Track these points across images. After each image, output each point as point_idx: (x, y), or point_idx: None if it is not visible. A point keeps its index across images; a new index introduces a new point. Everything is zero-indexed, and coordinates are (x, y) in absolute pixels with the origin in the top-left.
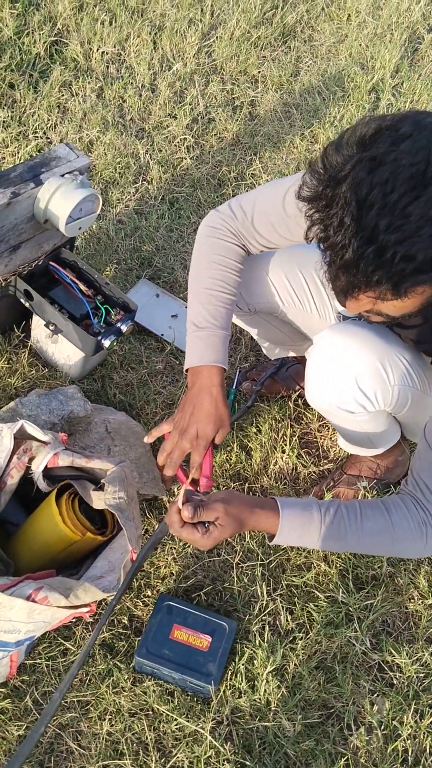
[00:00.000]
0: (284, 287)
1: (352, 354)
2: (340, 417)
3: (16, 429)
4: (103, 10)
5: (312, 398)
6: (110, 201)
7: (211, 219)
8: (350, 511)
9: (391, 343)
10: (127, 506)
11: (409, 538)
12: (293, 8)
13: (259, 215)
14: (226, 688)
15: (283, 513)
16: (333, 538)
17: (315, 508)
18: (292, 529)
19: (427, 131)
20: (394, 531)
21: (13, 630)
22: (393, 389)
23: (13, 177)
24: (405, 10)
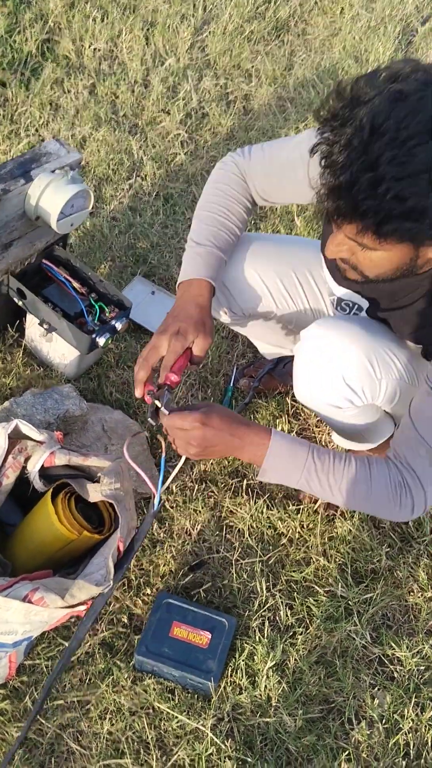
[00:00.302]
0: (277, 289)
1: (337, 349)
2: (328, 412)
3: (10, 429)
4: (95, 6)
5: (300, 394)
6: (104, 198)
7: (225, 157)
8: (337, 455)
9: (378, 336)
10: (123, 498)
11: (384, 495)
12: (286, 2)
13: (264, 160)
14: (226, 685)
15: (274, 437)
16: (315, 475)
17: (306, 443)
18: (280, 455)
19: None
20: (371, 483)
21: (11, 631)
22: (380, 383)
23: (2, 173)
24: (398, 3)
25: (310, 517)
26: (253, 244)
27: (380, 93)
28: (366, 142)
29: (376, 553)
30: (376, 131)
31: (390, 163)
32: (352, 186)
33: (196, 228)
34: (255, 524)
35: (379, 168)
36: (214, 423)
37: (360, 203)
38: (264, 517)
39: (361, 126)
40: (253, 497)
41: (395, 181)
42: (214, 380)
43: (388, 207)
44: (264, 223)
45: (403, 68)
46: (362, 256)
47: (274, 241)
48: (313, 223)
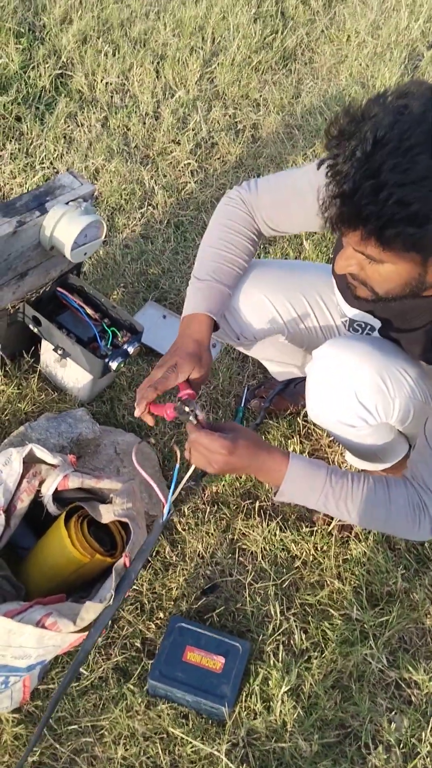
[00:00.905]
0: (288, 313)
1: (350, 367)
2: (342, 431)
3: (25, 453)
4: (107, 41)
5: (313, 414)
6: (116, 227)
7: (230, 191)
8: (355, 477)
9: (390, 355)
10: (135, 517)
11: (403, 517)
12: (293, 32)
13: (272, 190)
14: (240, 710)
15: (292, 461)
16: (332, 498)
17: (324, 466)
18: (298, 478)
19: None
20: (390, 506)
21: (24, 655)
22: (394, 402)
23: (18, 206)
24: (404, 29)
25: (324, 539)
26: (261, 270)
27: (384, 108)
28: (369, 153)
29: (391, 575)
30: (378, 142)
31: (392, 170)
32: (355, 192)
33: (199, 265)
34: (268, 546)
35: (381, 175)
36: (240, 451)
37: (362, 208)
38: (277, 540)
39: (365, 138)
40: (265, 519)
41: (397, 187)
42: (224, 401)
43: (390, 212)
44: (273, 247)
45: (409, 87)
46: (371, 270)
47: (282, 266)
48: (322, 247)
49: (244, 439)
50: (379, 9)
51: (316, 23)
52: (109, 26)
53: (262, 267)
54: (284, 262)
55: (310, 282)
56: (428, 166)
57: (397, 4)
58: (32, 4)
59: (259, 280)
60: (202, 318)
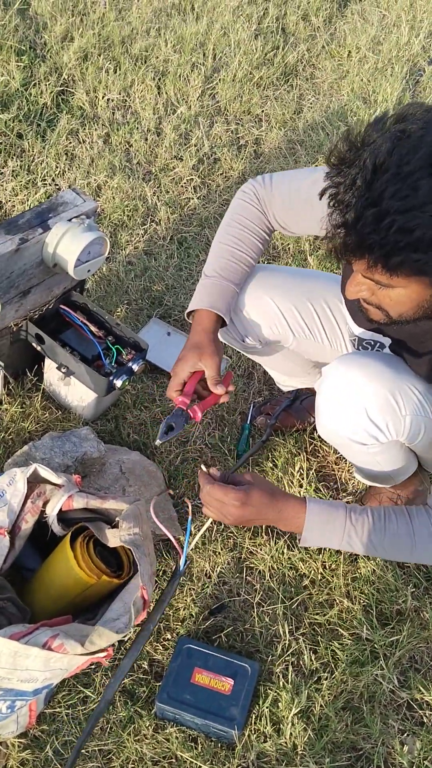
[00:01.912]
0: (294, 319)
1: (361, 385)
2: (352, 449)
3: (29, 473)
4: (108, 58)
5: (323, 431)
6: (119, 243)
7: (245, 185)
8: (375, 512)
9: (401, 372)
10: (142, 542)
11: (429, 547)
12: (294, 48)
13: (284, 193)
14: (250, 733)
15: (309, 505)
16: (356, 537)
17: (342, 506)
18: (318, 523)
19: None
20: (414, 537)
21: (30, 679)
22: (405, 419)
23: (21, 223)
24: (405, 44)
25: (332, 558)
26: (269, 273)
27: (383, 135)
28: (369, 181)
29: (401, 593)
30: (378, 169)
31: (393, 197)
32: (358, 222)
33: (209, 261)
34: (276, 565)
35: (382, 203)
36: (254, 502)
37: (366, 237)
38: (285, 558)
39: (365, 166)
40: (273, 537)
41: (399, 214)
42: (230, 418)
43: (393, 240)
44: (276, 262)
45: (407, 110)
46: (382, 294)
47: (291, 272)
48: (326, 262)
49: (258, 490)
50: (380, 25)
51: (317, 39)
52: (110, 43)
53: (271, 271)
54: (293, 269)
55: (319, 291)
56: (429, 191)
57: (398, 19)
58: (33, 22)
59: (266, 282)
60: (205, 314)
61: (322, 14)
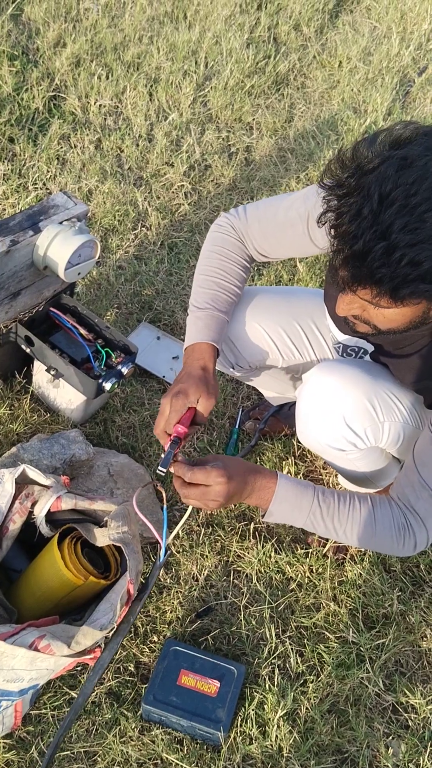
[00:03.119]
0: (282, 341)
1: (339, 392)
2: (332, 455)
3: (17, 474)
4: (100, 65)
5: (303, 438)
6: (110, 248)
7: (219, 218)
8: (341, 497)
9: (379, 379)
10: (131, 540)
11: (388, 536)
12: (285, 57)
13: (261, 220)
14: (236, 735)
15: (280, 480)
16: (320, 518)
17: (311, 486)
18: (286, 498)
19: None
20: (376, 526)
21: (16, 679)
22: (383, 425)
23: (12, 225)
24: (395, 55)
25: (319, 561)
26: (255, 298)
27: (385, 160)
28: (376, 212)
29: (387, 597)
30: (384, 200)
31: (402, 230)
32: (367, 255)
33: (195, 293)
34: (263, 569)
35: (391, 236)
36: (235, 471)
37: (375, 271)
38: (272, 562)
39: (370, 195)
40: (260, 541)
41: (409, 248)
42: (219, 423)
43: (403, 273)
44: (267, 269)
45: (403, 132)
46: (374, 312)
47: (275, 293)
48: (315, 268)
49: (232, 461)
50: (371, 36)
51: (308, 49)
52: (103, 50)
53: (256, 295)
54: (277, 289)
55: (304, 308)
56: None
57: (389, 31)
58: (26, 28)
59: (254, 308)
60: (206, 347)
61: (313, 24)
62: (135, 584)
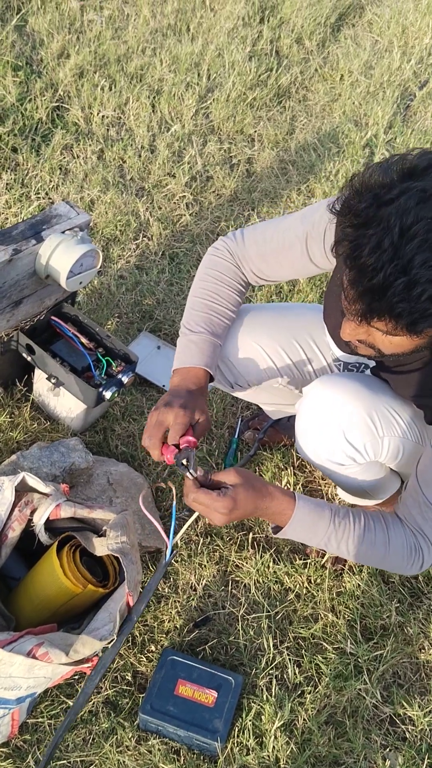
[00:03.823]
0: (281, 359)
1: (339, 406)
2: (331, 470)
3: (17, 481)
4: (103, 76)
5: (302, 451)
6: (111, 257)
7: (217, 242)
8: (356, 519)
9: (379, 394)
10: (129, 551)
11: (399, 557)
12: (287, 70)
13: (259, 242)
14: (233, 746)
15: (299, 502)
16: (336, 540)
17: (327, 507)
18: (303, 520)
19: None
20: (388, 547)
21: (14, 686)
22: (382, 440)
23: (14, 234)
24: (396, 69)
25: (317, 572)
26: (252, 316)
27: (404, 192)
28: (396, 245)
29: (385, 608)
30: (405, 233)
31: (423, 266)
32: (387, 289)
33: (189, 315)
34: (261, 579)
35: (412, 271)
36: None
37: (395, 306)
38: (271, 572)
39: (390, 227)
40: (259, 551)
41: (429, 283)
42: (218, 432)
43: (422, 308)
44: None
45: (419, 163)
46: (381, 338)
47: (272, 309)
48: (316, 279)
49: (243, 492)
50: (372, 50)
51: (310, 62)
52: (106, 61)
53: (253, 313)
54: (275, 306)
55: (302, 325)
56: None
57: (390, 45)
58: (30, 39)
59: (252, 327)
60: (201, 372)
61: (315, 38)
62: (134, 596)
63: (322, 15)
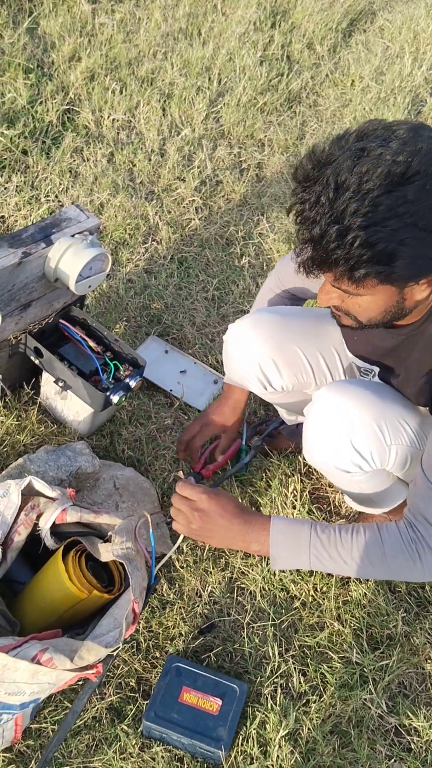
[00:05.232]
0: (318, 366)
1: (346, 413)
2: (338, 476)
3: (23, 485)
4: (114, 79)
5: (309, 457)
6: (120, 261)
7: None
8: (342, 527)
9: (388, 402)
10: (134, 557)
11: (400, 554)
12: (298, 75)
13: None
14: (237, 754)
15: (273, 521)
16: (325, 551)
17: (307, 521)
18: (283, 539)
19: (420, 140)
20: (383, 546)
21: (18, 692)
22: (390, 449)
23: (24, 237)
24: (407, 75)
25: (323, 580)
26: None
27: (343, 153)
28: (332, 198)
29: (392, 618)
30: (340, 187)
31: (354, 214)
32: (323, 238)
33: None
34: (267, 586)
35: (345, 220)
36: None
37: (331, 253)
38: (276, 579)
39: (327, 183)
40: (265, 558)
41: (362, 230)
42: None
43: (357, 254)
44: None
45: (368, 127)
46: (351, 302)
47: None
48: None
49: (224, 496)
50: (383, 55)
51: (321, 67)
52: (117, 64)
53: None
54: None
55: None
56: (389, 206)
57: (401, 51)
58: (41, 42)
59: (291, 328)
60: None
61: (326, 43)
62: (140, 603)
63: (333, 20)
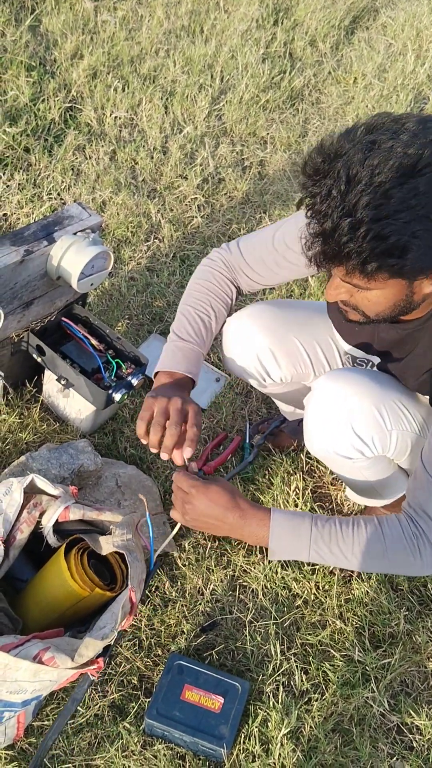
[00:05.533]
0: (316, 357)
1: (347, 399)
2: (339, 464)
3: (26, 483)
4: (116, 77)
5: (310, 445)
6: (122, 259)
7: (211, 254)
8: (342, 520)
9: (387, 388)
10: (134, 548)
11: (401, 548)
12: (300, 72)
13: (254, 249)
14: (239, 752)
15: (274, 514)
16: (325, 545)
17: (307, 515)
18: (283, 532)
19: (429, 132)
20: (385, 540)
21: (20, 690)
22: (390, 434)
23: (26, 235)
24: (410, 72)
25: (325, 578)
26: (288, 311)
27: (354, 146)
28: (344, 192)
29: (394, 616)
30: (351, 180)
31: (366, 207)
32: (335, 232)
33: (179, 321)
34: (269, 584)
35: (356, 213)
36: (211, 494)
37: (343, 246)
38: (278, 578)
39: (338, 177)
40: (267, 556)
41: (374, 223)
42: (229, 436)
43: (369, 247)
44: None
45: (377, 120)
46: (360, 296)
47: (306, 307)
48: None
49: (218, 485)
50: (386, 53)
51: (324, 65)
52: (120, 62)
53: (288, 307)
54: (307, 303)
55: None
56: (401, 199)
57: (404, 48)
58: (44, 39)
59: (288, 320)
60: (187, 379)
61: (329, 41)
62: (137, 593)
63: (335, 17)
